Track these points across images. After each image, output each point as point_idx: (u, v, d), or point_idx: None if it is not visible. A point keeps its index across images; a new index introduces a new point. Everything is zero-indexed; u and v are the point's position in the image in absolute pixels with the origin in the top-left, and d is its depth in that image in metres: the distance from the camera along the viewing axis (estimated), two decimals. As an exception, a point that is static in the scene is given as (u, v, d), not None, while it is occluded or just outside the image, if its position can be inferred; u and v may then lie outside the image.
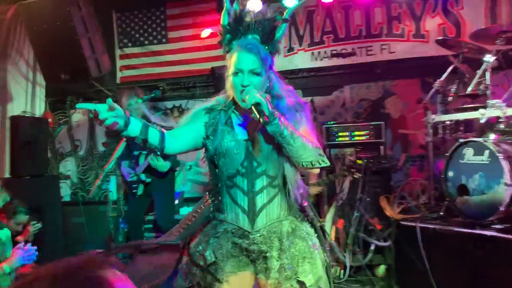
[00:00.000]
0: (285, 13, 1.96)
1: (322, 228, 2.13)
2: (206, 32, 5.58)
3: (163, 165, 4.23)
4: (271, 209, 1.96)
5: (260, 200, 1.94)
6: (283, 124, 1.79)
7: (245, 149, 1.95)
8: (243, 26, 1.89)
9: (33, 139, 5.19)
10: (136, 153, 4.40)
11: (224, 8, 1.92)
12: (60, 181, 6.09)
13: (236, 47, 1.88)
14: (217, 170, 1.99)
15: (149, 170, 4.32)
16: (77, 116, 6.40)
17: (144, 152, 4.30)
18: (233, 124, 2.00)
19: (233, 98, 1.95)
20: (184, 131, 2.00)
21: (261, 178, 1.94)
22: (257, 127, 1.94)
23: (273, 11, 1.95)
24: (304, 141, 1.84)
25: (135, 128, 1.81)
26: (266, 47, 1.91)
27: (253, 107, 1.77)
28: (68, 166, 6.44)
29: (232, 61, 1.88)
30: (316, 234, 2.05)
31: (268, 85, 1.93)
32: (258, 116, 1.76)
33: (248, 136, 1.97)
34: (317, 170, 1.97)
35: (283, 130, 1.79)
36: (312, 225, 2.07)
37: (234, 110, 2.01)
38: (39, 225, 3.88)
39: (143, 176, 4.36)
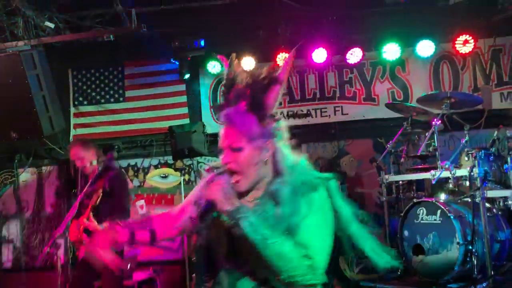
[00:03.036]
0: (277, 72, 1.60)
1: None
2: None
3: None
4: None
5: None
6: (249, 225, 1.37)
7: (227, 236, 1.49)
8: (234, 94, 1.60)
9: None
10: None
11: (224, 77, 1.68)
12: (2, 245, 5.69)
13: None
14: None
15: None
16: (25, 175, 6.10)
17: None
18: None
19: None
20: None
21: (244, 280, 1.45)
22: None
23: (266, 70, 1.60)
24: (284, 248, 1.35)
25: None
26: (254, 114, 1.55)
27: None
28: (12, 229, 6.03)
29: None
30: None
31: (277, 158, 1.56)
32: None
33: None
34: None
35: (249, 234, 1.36)
36: None
37: None
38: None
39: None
